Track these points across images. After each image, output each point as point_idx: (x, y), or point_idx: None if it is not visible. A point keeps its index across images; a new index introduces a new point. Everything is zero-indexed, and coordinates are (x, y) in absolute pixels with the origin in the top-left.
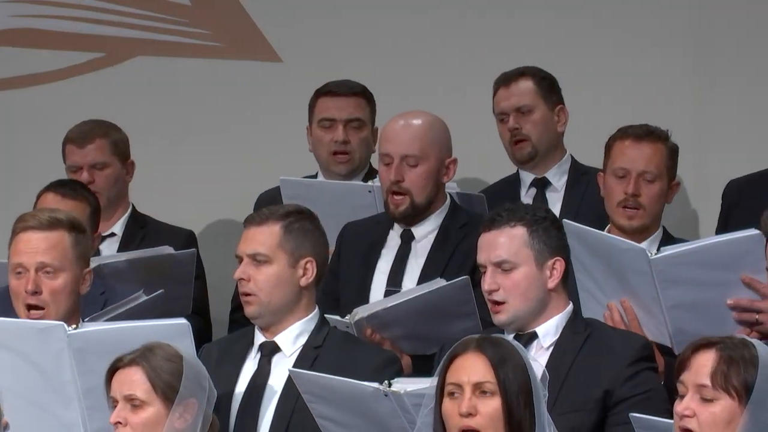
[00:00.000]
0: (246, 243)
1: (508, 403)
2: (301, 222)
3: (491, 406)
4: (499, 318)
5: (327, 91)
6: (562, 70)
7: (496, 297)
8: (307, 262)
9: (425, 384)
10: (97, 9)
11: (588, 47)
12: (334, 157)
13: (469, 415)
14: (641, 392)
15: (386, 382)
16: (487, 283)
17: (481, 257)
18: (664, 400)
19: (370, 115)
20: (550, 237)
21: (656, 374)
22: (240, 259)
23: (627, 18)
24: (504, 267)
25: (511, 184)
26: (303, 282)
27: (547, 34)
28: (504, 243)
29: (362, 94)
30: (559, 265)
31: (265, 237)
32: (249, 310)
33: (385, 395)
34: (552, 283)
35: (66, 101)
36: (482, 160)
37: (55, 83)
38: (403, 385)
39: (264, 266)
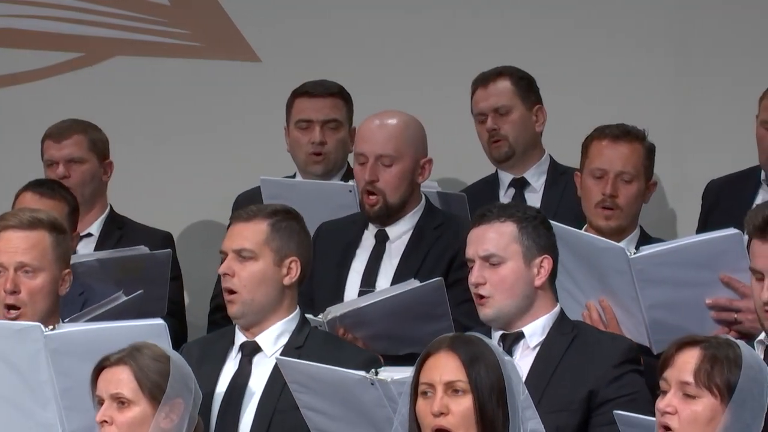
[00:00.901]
0: (232, 239)
1: (480, 401)
2: (288, 222)
3: (463, 405)
4: (484, 312)
5: (304, 91)
6: (541, 69)
7: (483, 291)
8: (291, 262)
9: (411, 373)
10: (76, 9)
11: (567, 47)
12: (311, 158)
13: (441, 414)
14: (626, 393)
15: (372, 370)
16: (474, 277)
17: (470, 251)
18: (649, 402)
19: (347, 115)
20: (539, 235)
21: (642, 377)
22: (224, 255)
23: (606, 18)
24: (492, 261)
25: (490, 184)
26: (287, 281)
27: (526, 33)
28: (493, 238)
29: (339, 94)
30: (547, 263)
31: (252, 233)
32: (232, 311)
33: (372, 383)
34: (539, 281)
35: (45, 101)
36: (461, 160)
37: (34, 83)
38: (389, 373)
39: (249, 263)
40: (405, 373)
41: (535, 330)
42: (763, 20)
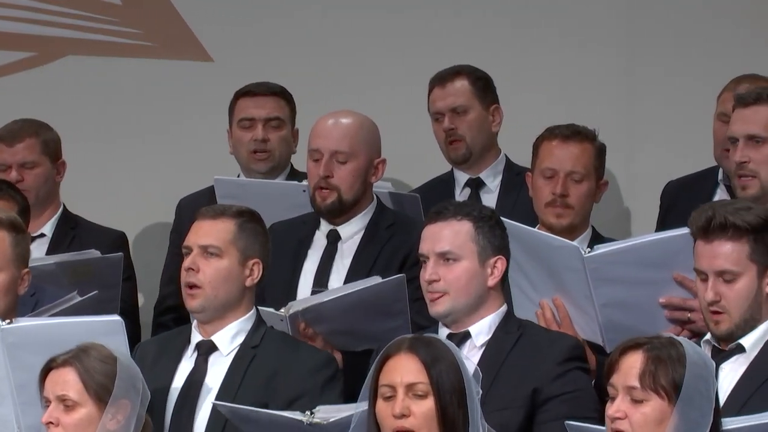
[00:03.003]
0: (198, 235)
1: (441, 403)
2: (253, 223)
3: (425, 406)
4: (436, 308)
5: (246, 91)
6: (495, 69)
7: (436, 288)
8: (254, 264)
9: (349, 411)
10: (28, 8)
11: (520, 47)
12: (254, 155)
13: (403, 416)
14: (569, 391)
15: (308, 412)
16: (428, 273)
17: (425, 247)
18: (593, 400)
19: (289, 115)
20: (494, 236)
21: (586, 374)
22: (188, 251)
23: (559, 18)
24: (447, 257)
25: (446, 183)
26: (248, 282)
27: (480, 33)
28: (449, 235)
29: (281, 94)
30: (501, 264)
31: (220, 231)
32: (193, 304)
33: (309, 424)
34: (492, 282)
35: None
36: (415, 159)
37: None
38: (325, 414)
39: (214, 259)
40: (341, 413)
41: (482, 329)
42: (710, 19)
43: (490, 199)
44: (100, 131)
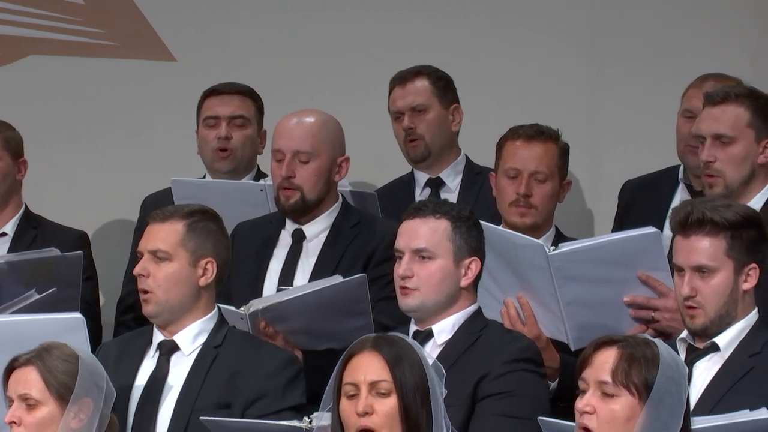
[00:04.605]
0: (147, 239)
1: (404, 401)
2: (204, 222)
3: (388, 405)
4: (406, 302)
5: (212, 90)
6: (458, 69)
7: (409, 284)
8: (207, 263)
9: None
10: None
11: (483, 47)
12: (217, 154)
13: (366, 414)
14: (507, 390)
15: (306, 419)
16: (402, 269)
17: (401, 243)
18: (537, 403)
19: (255, 115)
20: (471, 236)
21: (534, 376)
22: (140, 256)
23: (522, 18)
24: (423, 254)
25: (406, 183)
26: (202, 282)
27: (443, 34)
28: (426, 232)
29: (248, 93)
30: (475, 265)
31: (167, 234)
32: (147, 309)
33: (307, 430)
34: (465, 282)
35: None
36: (376, 159)
37: None
38: (320, 422)
39: (164, 263)
40: None
41: (444, 328)
42: (675, 20)
43: (450, 198)
44: (63, 131)
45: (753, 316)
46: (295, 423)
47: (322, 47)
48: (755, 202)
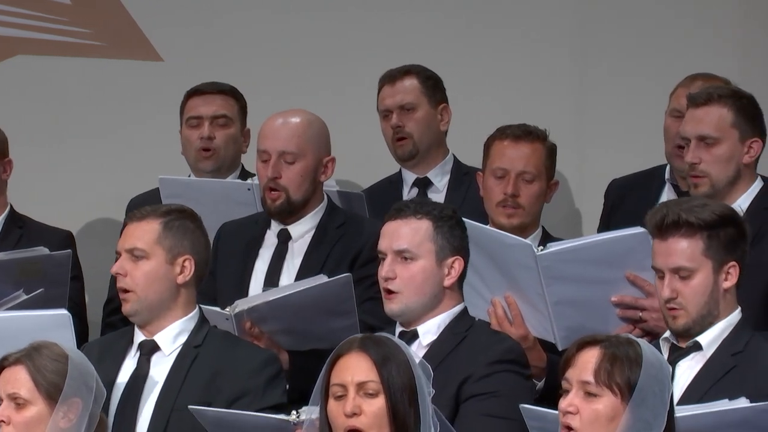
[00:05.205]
0: (125, 238)
1: (392, 401)
2: (181, 220)
3: (376, 405)
4: (390, 307)
5: (195, 90)
6: (446, 70)
7: (391, 286)
8: (185, 260)
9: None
10: None
11: (470, 47)
12: (200, 153)
13: (354, 415)
14: (490, 391)
15: (294, 412)
16: (384, 270)
17: (383, 244)
18: (514, 403)
19: (238, 114)
20: (453, 236)
21: (517, 377)
22: (119, 255)
23: (510, 18)
24: (404, 255)
25: (394, 183)
26: (180, 279)
27: (431, 34)
28: (407, 233)
29: (230, 92)
30: (458, 264)
31: (144, 233)
32: (126, 308)
33: (295, 424)
34: (448, 282)
35: None
36: (364, 159)
37: None
38: (309, 416)
39: (141, 262)
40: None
41: (430, 328)
42: (661, 19)
43: (437, 198)
44: (49, 131)
45: (736, 315)
46: (283, 416)
47: (309, 47)
48: (741, 202)
